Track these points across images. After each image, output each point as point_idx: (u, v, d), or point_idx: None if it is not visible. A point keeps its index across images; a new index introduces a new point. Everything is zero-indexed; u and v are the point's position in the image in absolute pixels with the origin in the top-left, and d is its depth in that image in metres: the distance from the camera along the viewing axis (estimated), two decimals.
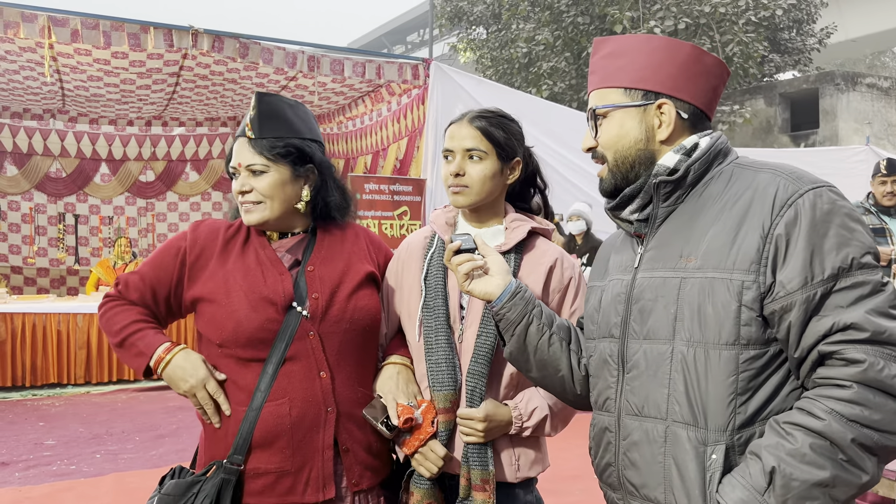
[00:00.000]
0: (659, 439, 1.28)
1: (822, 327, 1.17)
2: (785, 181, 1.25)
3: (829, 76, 14.95)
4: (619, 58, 1.40)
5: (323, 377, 1.68)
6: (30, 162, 10.15)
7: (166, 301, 1.76)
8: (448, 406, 1.73)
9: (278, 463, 1.63)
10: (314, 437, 1.65)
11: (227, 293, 1.67)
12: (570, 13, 14.64)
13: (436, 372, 1.75)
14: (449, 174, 1.82)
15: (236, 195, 1.74)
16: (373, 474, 1.74)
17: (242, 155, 1.72)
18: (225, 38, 6.53)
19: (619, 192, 1.42)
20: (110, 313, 1.78)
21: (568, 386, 1.56)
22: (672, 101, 1.37)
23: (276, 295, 1.67)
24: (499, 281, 1.52)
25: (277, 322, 1.65)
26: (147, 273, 1.77)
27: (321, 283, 1.73)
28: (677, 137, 1.38)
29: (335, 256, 1.79)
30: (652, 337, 1.32)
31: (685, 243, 1.31)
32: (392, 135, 8.41)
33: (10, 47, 6.67)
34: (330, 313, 1.71)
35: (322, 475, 1.65)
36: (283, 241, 1.79)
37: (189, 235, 1.77)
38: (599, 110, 1.41)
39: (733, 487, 1.18)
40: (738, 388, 1.21)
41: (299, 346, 1.66)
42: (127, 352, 1.72)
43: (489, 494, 1.69)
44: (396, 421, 1.68)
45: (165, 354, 1.68)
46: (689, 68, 1.37)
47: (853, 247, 1.18)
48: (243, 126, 1.76)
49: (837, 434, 1.12)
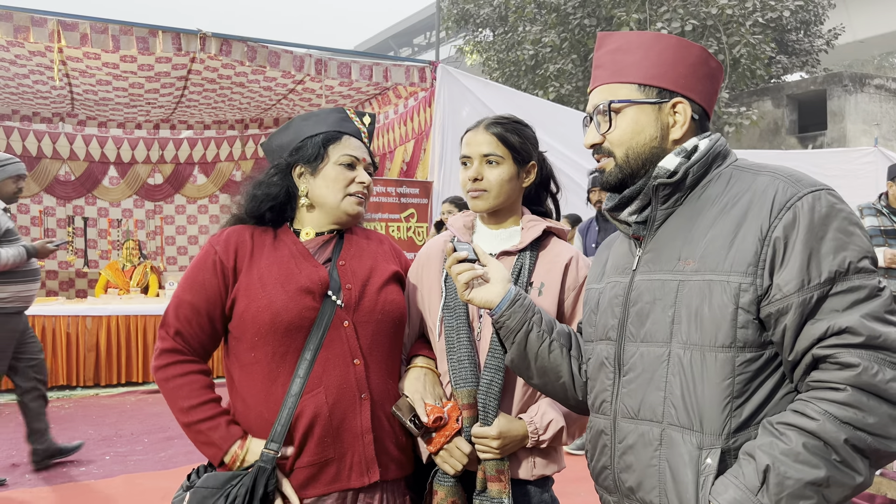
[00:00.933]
0: (654, 442, 1.28)
1: (818, 331, 1.16)
2: (784, 184, 1.24)
3: (837, 77, 14.90)
4: (630, 53, 1.39)
5: (357, 364, 1.72)
6: (39, 165, 10.20)
7: (222, 319, 1.75)
8: (471, 402, 1.76)
9: (321, 453, 1.67)
10: (351, 423, 1.70)
11: (263, 286, 1.71)
12: (576, 15, 14.64)
13: (458, 369, 1.79)
14: (468, 179, 1.86)
15: (350, 185, 1.82)
16: (398, 467, 1.77)
17: (363, 151, 1.87)
18: (233, 41, 6.56)
19: (623, 186, 1.41)
20: (175, 383, 1.70)
21: (570, 392, 1.56)
22: (687, 101, 1.36)
23: (313, 284, 1.72)
24: (498, 289, 1.53)
25: (315, 310, 1.70)
26: (196, 301, 1.73)
27: (353, 275, 1.80)
28: (688, 138, 1.38)
29: (363, 254, 1.87)
30: (649, 339, 1.31)
31: (683, 246, 1.30)
32: (399, 137, 8.43)
33: (20, 51, 6.72)
34: (363, 303, 1.77)
35: (364, 459, 1.70)
36: (314, 239, 1.84)
37: (218, 245, 1.77)
38: (615, 105, 1.38)
39: (726, 487, 1.17)
40: (734, 392, 1.21)
41: (334, 334, 1.72)
42: (196, 436, 1.68)
43: (504, 484, 1.71)
44: (426, 419, 1.71)
45: (240, 451, 1.66)
46: (699, 69, 1.37)
47: (850, 251, 1.18)
48: (357, 128, 1.89)
49: (831, 434, 1.12)
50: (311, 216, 1.86)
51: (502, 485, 1.72)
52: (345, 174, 1.82)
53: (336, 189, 1.81)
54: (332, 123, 1.85)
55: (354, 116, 1.91)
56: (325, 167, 1.82)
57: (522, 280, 1.84)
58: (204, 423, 1.66)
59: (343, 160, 1.82)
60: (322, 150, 1.82)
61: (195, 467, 1.74)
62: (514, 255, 1.87)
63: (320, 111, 1.90)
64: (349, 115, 1.90)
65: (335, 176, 1.81)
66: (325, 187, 1.82)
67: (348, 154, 1.83)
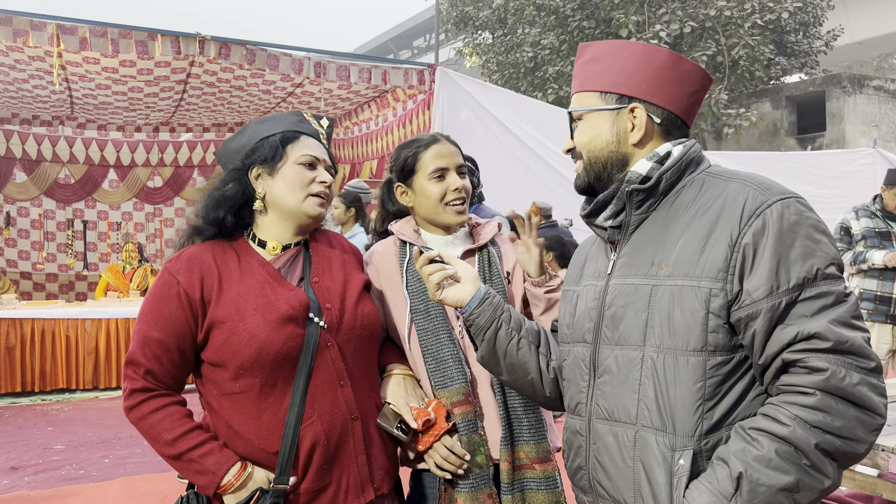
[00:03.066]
0: (628, 444, 1.30)
1: (787, 336, 1.19)
2: (754, 191, 1.27)
3: (836, 79, 14.92)
4: (598, 63, 1.43)
5: (344, 386, 1.68)
6: (39, 168, 10.21)
7: (193, 349, 1.66)
8: (462, 398, 1.77)
9: (319, 480, 1.63)
10: (346, 447, 1.66)
11: (242, 318, 1.62)
12: (575, 17, 14.66)
13: (442, 370, 1.79)
14: (451, 189, 1.89)
15: (311, 184, 1.75)
16: (390, 478, 1.76)
17: (322, 152, 1.81)
18: (232, 44, 6.57)
19: (591, 189, 1.46)
20: (153, 419, 1.61)
21: (538, 388, 1.59)
22: (644, 105, 1.39)
23: (294, 310, 1.65)
24: (469, 288, 1.56)
25: (300, 337, 1.63)
26: (163, 337, 1.62)
27: (329, 293, 1.73)
28: (649, 141, 1.40)
29: (333, 267, 1.80)
30: (623, 343, 1.34)
31: (657, 251, 1.33)
32: (398, 139, 8.43)
33: (19, 56, 6.73)
34: (344, 322, 1.71)
35: (359, 480, 1.67)
36: (280, 256, 1.76)
37: (179, 274, 1.65)
38: (575, 113, 1.46)
39: (700, 493, 1.20)
40: (706, 394, 1.23)
41: (321, 358, 1.66)
42: (187, 465, 1.59)
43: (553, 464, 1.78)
44: (414, 424, 1.71)
45: (241, 474, 1.58)
46: (664, 74, 1.39)
47: (818, 258, 1.20)
48: (315, 129, 1.83)
49: (802, 439, 1.15)
50: (270, 221, 1.76)
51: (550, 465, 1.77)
52: (304, 174, 1.74)
53: (296, 189, 1.73)
54: (289, 124, 1.79)
55: (312, 119, 1.85)
56: (284, 167, 1.74)
57: (495, 271, 1.90)
58: (194, 450, 1.58)
59: (302, 159, 1.75)
60: (280, 149, 1.74)
61: (182, 496, 1.66)
62: (474, 252, 1.94)
63: (277, 114, 1.84)
64: (306, 118, 1.84)
65: (294, 176, 1.73)
66: (285, 188, 1.73)
67: (307, 153, 1.76)
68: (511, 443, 1.78)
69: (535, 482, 1.77)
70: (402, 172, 1.95)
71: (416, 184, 1.92)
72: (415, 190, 1.93)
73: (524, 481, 1.77)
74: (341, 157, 9.91)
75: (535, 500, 1.76)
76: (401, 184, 1.96)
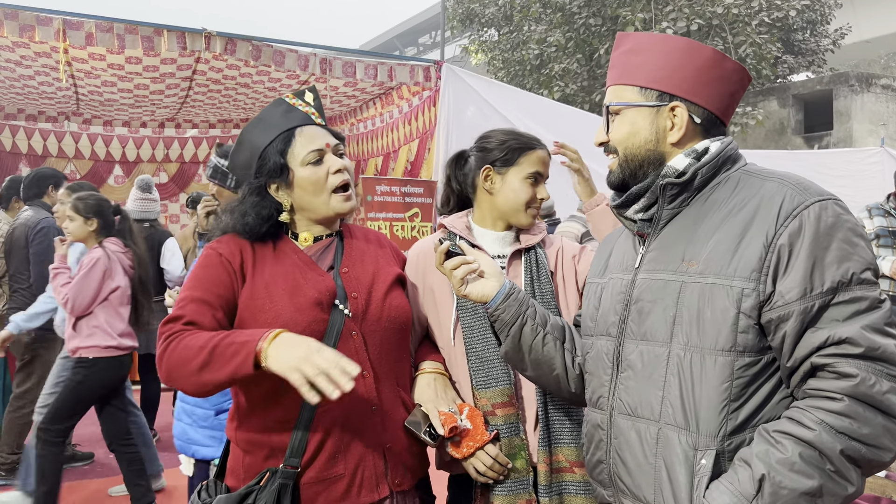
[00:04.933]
0: (651, 441, 1.29)
1: (818, 339, 1.17)
2: (791, 191, 1.25)
3: (843, 77, 14.84)
4: (638, 55, 1.40)
5: (366, 377, 1.66)
6: (44, 164, 10.18)
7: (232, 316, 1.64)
8: (506, 400, 1.75)
9: (330, 469, 1.61)
10: (362, 439, 1.64)
11: (270, 296, 1.63)
12: (581, 15, 14.61)
13: (486, 369, 1.77)
14: (537, 197, 1.93)
15: (328, 180, 1.69)
16: (412, 475, 1.74)
17: (321, 135, 1.74)
18: (238, 40, 6.55)
19: (625, 186, 1.43)
20: (186, 340, 1.50)
21: (563, 384, 1.58)
22: (686, 105, 1.36)
23: (321, 294, 1.65)
24: (493, 283, 1.54)
25: (324, 322, 1.63)
26: (204, 296, 1.59)
27: (357, 283, 1.73)
28: (689, 141, 1.38)
29: (365, 259, 1.80)
30: (649, 338, 1.32)
31: (688, 246, 1.31)
32: (403, 136, 8.42)
33: (25, 52, 6.73)
34: (369, 312, 1.70)
35: (375, 475, 1.65)
36: (313, 245, 1.76)
37: (220, 247, 1.68)
38: (613, 107, 1.41)
39: (721, 493, 1.18)
40: (732, 395, 1.22)
41: (344, 345, 1.65)
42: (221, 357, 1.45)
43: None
44: (441, 430, 1.68)
45: (270, 339, 1.45)
46: (707, 73, 1.36)
47: (854, 262, 1.18)
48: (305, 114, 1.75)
49: (827, 445, 1.13)
50: (302, 222, 1.77)
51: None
52: (317, 173, 1.70)
53: (317, 192, 1.71)
54: (278, 125, 1.73)
55: (296, 100, 1.78)
56: (295, 176, 1.71)
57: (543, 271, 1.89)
58: (226, 338, 1.47)
59: (308, 159, 1.71)
60: (281, 160, 1.70)
61: (202, 484, 1.67)
62: (521, 254, 1.92)
63: (263, 114, 1.78)
64: (291, 104, 1.77)
65: (309, 178, 1.70)
66: (306, 195, 1.71)
67: (309, 150, 1.71)
68: (549, 444, 1.75)
69: (575, 486, 1.73)
70: (500, 158, 1.91)
71: (510, 177, 1.90)
72: (504, 181, 1.91)
73: (563, 484, 1.74)
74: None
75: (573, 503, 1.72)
76: (490, 168, 1.92)
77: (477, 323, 1.80)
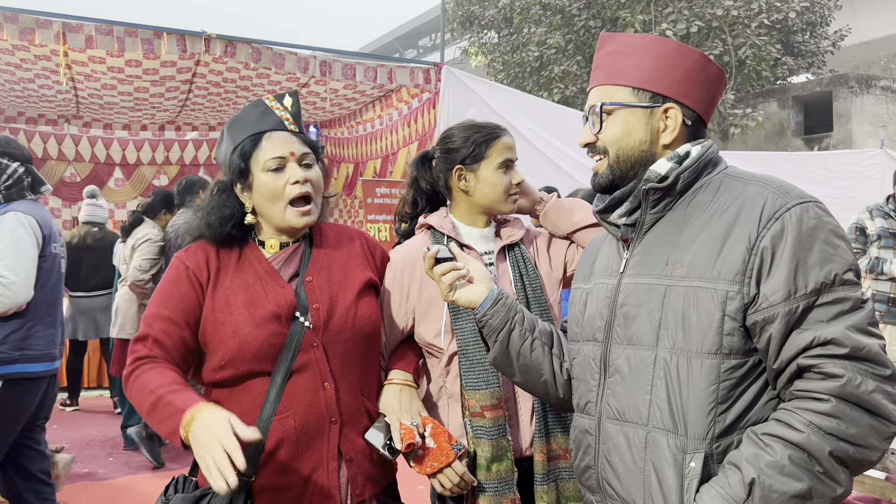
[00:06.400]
0: (639, 445, 1.29)
1: (803, 341, 1.18)
2: (773, 194, 1.25)
3: (843, 79, 14.84)
4: (627, 56, 1.39)
5: (327, 388, 1.65)
6: (45, 166, 10.22)
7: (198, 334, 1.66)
8: (495, 402, 1.77)
9: (284, 477, 1.60)
10: (318, 448, 1.64)
11: (230, 309, 1.63)
12: (581, 17, 14.63)
13: (477, 371, 1.77)
14: (514, 183, 1.92)
15: (285, 190, 1.66)
16: (374, 484, 1.72)
17: (289, 142, 1.68)
18: (237, 43, 6.56)
19: (613, 188, 1.42)
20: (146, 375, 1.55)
21: (551, 390, 1.58)
22: (679, 107, 1.36)
23: (279, 308, 1.64)
24: (482, 289, 1.53)
25: (282, 335, 1.62)
26: (171, 314, 1.63)
27: (321, 293, 1.70)
28: (679, 143, 1.38)
29: (333, 264, 1.76)
30: (635, 343, 1.32)
31: (672, 251, 1.31)
32: (402, 139, 8.42)
33: (25, 55, 6.74)
34: (332, 323, 1.68)
35: (327, 485, 1.63)
36: (279, 253, 1.74)
37: (187, 260, 1.70)
38: (606, 107, 1.40)
39: (712, 497, 1.18)
40: (719, 397, 1.22)
41: (304, 357, 1.64)
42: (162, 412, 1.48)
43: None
44: (399, 445, 1.67)
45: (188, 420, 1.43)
46: (696, 75, 1.37)
47: (836, 263, 1.19)
48: (279, 119, 1.70)
49: (816, 446, 1.14)
50: (265, 228, 1.75)
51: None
52: (275, 181, 1.65)
53: (273, 200, 1.67)
54: (251, 126, 1.69)
55: (275, 103, 1.73)
56: (254, 180, 1.68)
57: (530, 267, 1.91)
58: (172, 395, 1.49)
59: (269, 165, 1.66)
60: (243, 164, 1.67)
61: (174, 477, 1.68)
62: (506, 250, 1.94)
63: (243, 112, 1.75)
64: (269, 106, 1.72)
65: (267, 185, 1.66)
66: (264, 200, 1.68)
67: (270, 156, 1.66)
68: (546, 434, 1.80)
69: (569, 472, 1.80)
70: (469, 155, 1.89)
71: (483, 171, 1.89)
72: (478, 177, 1.89)
73: (558, 471, 1.80)
74: (345, 156, 9.91)
75: (566, 488, 1.80)
76: (462, 167, 1.90)
77: (469, 325, 1.80)
